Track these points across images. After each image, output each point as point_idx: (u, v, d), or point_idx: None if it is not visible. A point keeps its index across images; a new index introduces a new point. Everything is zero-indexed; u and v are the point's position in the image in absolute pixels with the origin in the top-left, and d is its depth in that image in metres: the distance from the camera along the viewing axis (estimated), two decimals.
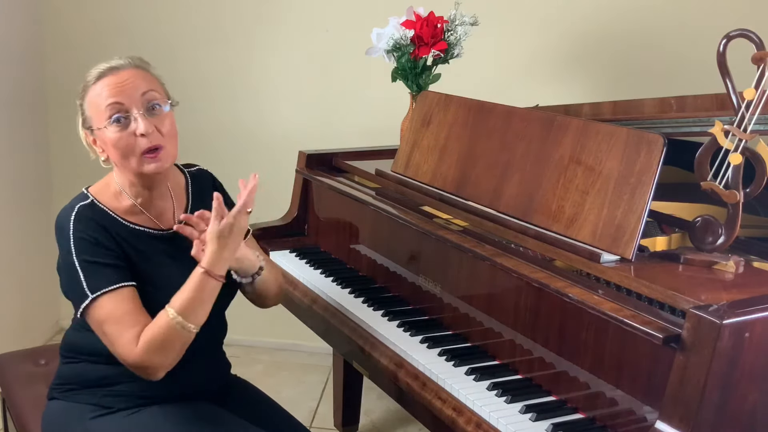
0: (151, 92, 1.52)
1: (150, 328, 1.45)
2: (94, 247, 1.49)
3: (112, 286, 1.47)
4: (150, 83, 1.54)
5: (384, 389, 1.83)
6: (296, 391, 2.97)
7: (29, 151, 3.18)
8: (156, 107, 1.52)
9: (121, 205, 1.58)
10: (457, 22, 2.27)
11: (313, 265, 2.18)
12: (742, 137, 1.42)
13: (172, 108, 1.58)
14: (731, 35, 1.45)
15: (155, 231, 1.59)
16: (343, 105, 3.02)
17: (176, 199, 1.66)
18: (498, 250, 1.64)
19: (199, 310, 1.45)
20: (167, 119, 1.54)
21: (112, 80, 1.51)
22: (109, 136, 1.50)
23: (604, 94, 2.65)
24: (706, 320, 1.17)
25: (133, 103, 1.49)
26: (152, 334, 1.44)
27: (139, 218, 1.58)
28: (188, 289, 1.45)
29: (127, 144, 1.49)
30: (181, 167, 1.73)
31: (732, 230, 1.45)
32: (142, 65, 1.57)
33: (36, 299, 3.15)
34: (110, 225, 1.53)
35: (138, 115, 1.49)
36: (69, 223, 1.51)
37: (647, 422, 1.27)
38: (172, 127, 1.55)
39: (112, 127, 1.49)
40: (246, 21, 3.05)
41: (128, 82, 1.50)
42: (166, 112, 1.54)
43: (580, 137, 1.60)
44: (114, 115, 1.49)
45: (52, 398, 1.66)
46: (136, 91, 1.50)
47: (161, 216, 1.62)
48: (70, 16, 3.16)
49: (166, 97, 1.56)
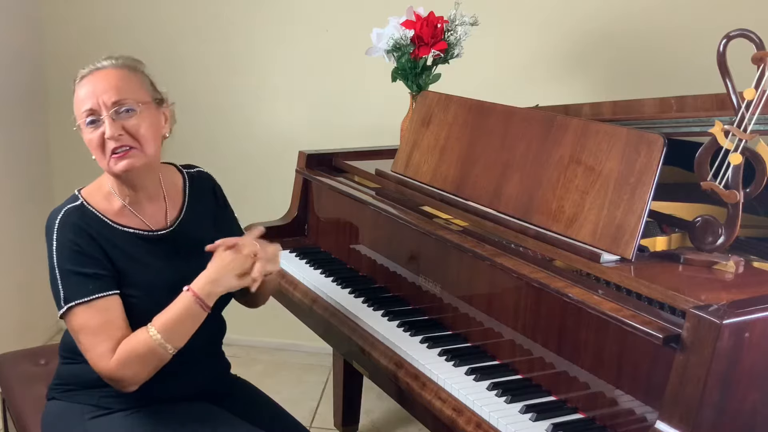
0: (121, 97, 1.51)
1: (129, 343, 1.46)
2: (75, 255, 1.49)
3: (87, 297, 1.47)
4: (127, 86, 1.53)
5: (384, 389, 1.83)
6: (296, 391, 2.97)
7: (29, 151, 3.18)
8: (128, 110, 1.51)
9: (111, 206, 1.57)
10: (457, 22, 2.27)
11: (313, 265, 2.18)
12: (742, 137, 1.42)
13: (162, 106, 1.58)
14: (731, 35, 1.45)
15: (145, 232, 1.59)
16: (343, 105, 3.02)
17: (170, 200, 1.65)
18: (498, 250, 1.64)
19: (181, 333, 1.46)
20: (143, 121, 1.52)
21: (90, 82, 1.52)
22: (86, 136, 1.53)
23: (604, 94, 2.65)
24: (706, 320, 1.17)
25: (102, 107, 1.50)
26: (130, 349, 1.45)
27: (128, 220, 1.58)
28: (173, 310, 1.46)
29: (98, 145, 1.51)
30: (180, 168, 1.72)
31: (732, 230, 1.45)
32: (129, 64, 1.57)
33: (36, 299, 3.15)
34: (97, 228, 1.53)
35: (106, 117, 1.50)
36: (54, 227, 1.51)
37: (647, 422, 1.27)
38: (149, 129, 1.53)
39: (87, 128, 1.52)
40: (246, 21, 3.05)
41: (101, 87, 1.51)
42: (140, 113, 1.52)
43: (580, 137, 1.60)
44: (88, 117, 1.51)
45: (52, 398, 1.66)
46: (108, 94, 1.50)
47: (152, 217, 1.61)
48: (70, 17, 3.16)
49: (149, 98, 1.56)
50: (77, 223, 1.51)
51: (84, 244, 1.50)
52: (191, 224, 1.64)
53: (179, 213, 1.64)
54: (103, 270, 1.50)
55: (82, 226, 1.51)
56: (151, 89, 1.58)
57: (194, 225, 1.65)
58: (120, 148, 1.50)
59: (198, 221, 1.66)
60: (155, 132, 1.55)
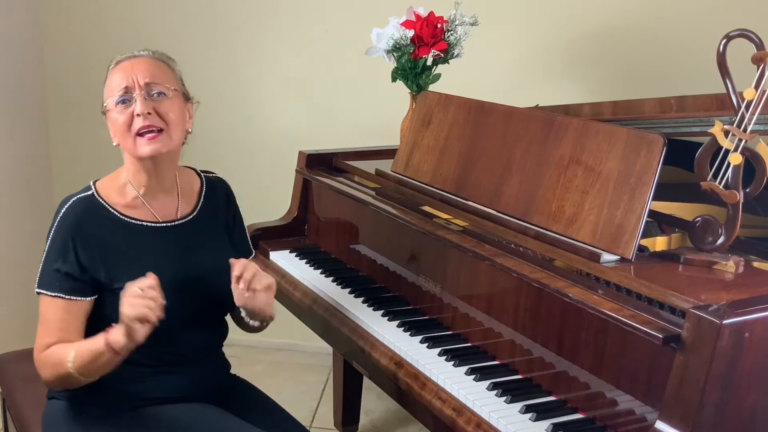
0: (156, 80, 1.55)
1: (55, 350, 1.50)
2: (62, 250, 1.52)
3: (53, 293, 1.52)
4: (162, 73, 1.58)
5: (384, 389, 1.83)
6: (296, 391, 2.97)
7: (29, 151, 3.18)
8: (160, 94, 1.55)
9: (122, 199, 1.60)
10: (457, 22, 2.27)
11: (313, 265, 2.18)
12: (742, 137, 1.42)
13: (188, 102, 1.63)
14: (731, 35, 1.45)
15: (152, 224, 1.60)
16: (343, 105, 3.02)
17: (183, 197, 1.67)
18: (498, 250, 1.64)
19: (93, 372, 1.48)
20: (173, 106, 1.57)
21: (125, 65, 1.57)
22: (113, 116, 1.55)
23: (604, 94, 2.65)
24: (706, 320, 1.17)
25: (136, 86, 1.54)
26: (53, 356, 1.50)
27: (138, 212, 1.60)
28: (88, 351, 1.46)
29: (125, 122, 1.54)
30: (199, 172, 1.75)
31: (732, 230, 1.45)
32: (162, 58, 1.62)
33: (36, 299, 3.14)
34: (100, 221, 1.55)
35: (138, 96, 1.53)
36: (59, 215, 1.55)
37: (647, 422, 1.27)
38: (177, 116, 1.57)
39: (117, 107, 1.54)
40: (246, 21, 3.05)
41: (137, 68, 1.56)
42: (171, 98, 1.56)
43: (580, 137, 1.60)
44: (120, 96, 1.54)
45: (52, 398, 1.66)
46: (143, 75, 1.54)
47: (162, 209, 1.63)
48: (70, 17, 3.16)
49: (179, 88, 1.60)
50: (79, 217, 1.54)
51: (78, 240, 1.52)
52: (201, 223, 1.67)
53: (191, 211, 1.66)
54: (81, 275, 1.53)
55: (85, 219, 1.54)
56: (181, 83, 1.63)
57: (203, 225, 1.67)
58: (148, 129, 1.53)
59: (208, 222, 1.68)
60: (182, 120, 1.59)
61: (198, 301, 1.59)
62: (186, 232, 1.63)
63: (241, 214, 1.79)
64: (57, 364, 1.49)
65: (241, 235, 1.78)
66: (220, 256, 1.61)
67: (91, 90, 3.18)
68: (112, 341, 1.42)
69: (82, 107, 3.18)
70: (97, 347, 1.45)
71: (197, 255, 1.62)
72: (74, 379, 1.49)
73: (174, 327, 1.54)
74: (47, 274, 1.54)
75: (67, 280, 1.52)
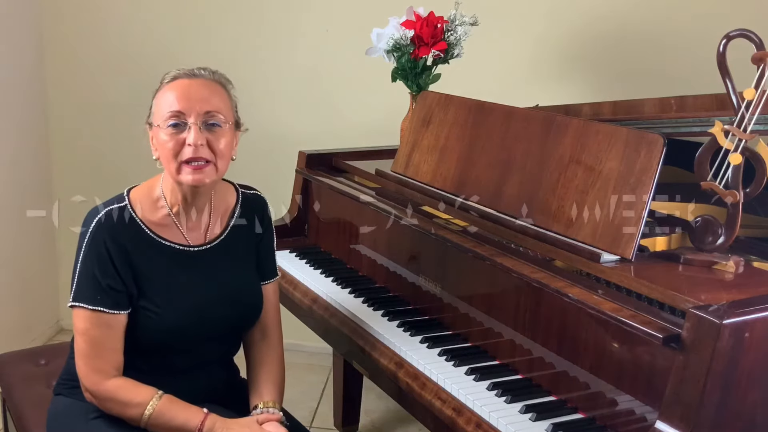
0: (214, 109, 1.50)
1: (130, 389, 1.50)
2: (99, 261, 1.49)
3: (92, 306, 1.48)
4: (221, 101, 1.52)
5: (384, 389, 1.83)
6: (296, 391, 2.96)
7: (29, 151, 3.18)
8: (215, 125, 1.50)
9: (154, 216, 1.56)
10: (457, 22, 2.27)
11: (313, 265, 2.18)
12: (742, 137, 1.42)
13: (238, 131, 1.58)
14: (731, 35, 1.45)
15: (181, 247, 1.57)
16: (343, 105, 3.02)
17: (216, 216, 1.63)
18: (498, 250, 1.64)
19: (157, 429, 1.49)
20: (225, 137, 1.52)
21: (183, 85, 1.51)
22: (162, 136, 1.50)
23: (604, 94, 2.65)
24: (706, 320, 1.17)
25: (193, 113, 1.48)
26: (126, 395, 1.49)
27: (168, 232, 1.56)
28: (176, 420, 1.48)
29: (174, 148, 1.48)
30: (237, 186, 1.70)
31: (732, 230, 1.45)
32: (221, 81, 1.57)
33: (36, 299, 3.15)
34: (132, 236, 1.52)
35: (192, 125, 1.48)
36: (91, 224, 1.51)
37: (647, 422, 1.27)
38: (227, 147, 1.52)
39: (167, 129, 1.49)
40: (245, 21, 3.05)
41: (197, 94, 1.50)
42: (224, 130, 1.52)
43: (580, 137, 1.60)
44: (172, 119, 1.49)
45: (58, 394, 1.65)
46: (201, 103, 1.49)
47: (192, 231, 1.59)
48: (70, 17, 3.16)
49: (232, 118, 1.55)
50: (114, 228, 1.51)
51: (113, 252, 1.49)
52: (230, 245, 1.63)
53: (222, 231, 1.63)
54: (120, 286, 1.50)
55: (117, 232, 1.51)
56: (234, 111, 1.58)
57: (233, 246, 1.63)
58: (197, 159, 1.48)
59: (238, 242, 1.65)
60: (230, 152, 1.55)
61: (219, 321, 1.59)
62: (213, 255, 1.60)
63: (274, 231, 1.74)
64: (128, 404, 1.49)
65: (267, 255, 1.72)
66: (244, 276, 1.62)
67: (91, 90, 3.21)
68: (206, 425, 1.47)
69: (82, 107, 3.18)
70: (188, 423, 1.48)
71: (222, 276, 1.60)
72: (132, 419, 1.49)
73: (192, 344, 1.57)
74: (83, 285, 1.49)
75: (107, 292, 1.49)
